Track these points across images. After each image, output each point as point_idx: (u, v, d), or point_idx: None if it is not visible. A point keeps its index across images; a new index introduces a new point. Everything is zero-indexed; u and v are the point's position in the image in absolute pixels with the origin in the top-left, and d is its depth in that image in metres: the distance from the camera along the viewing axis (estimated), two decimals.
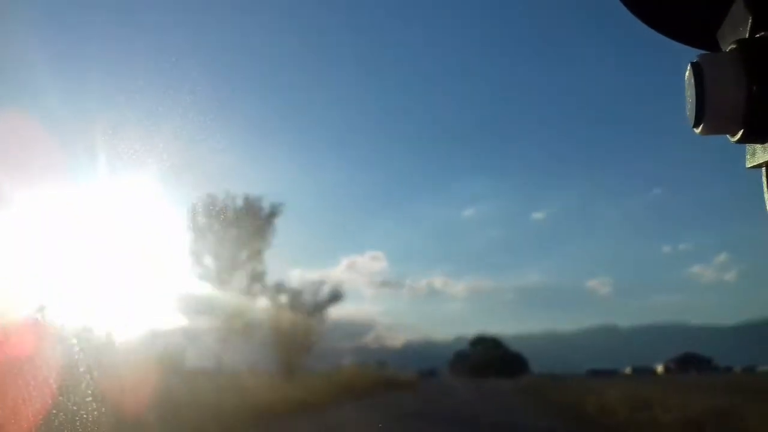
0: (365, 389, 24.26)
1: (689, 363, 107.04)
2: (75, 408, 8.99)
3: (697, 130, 0.73)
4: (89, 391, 9.73)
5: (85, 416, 8.73)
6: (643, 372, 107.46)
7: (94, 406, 9.32)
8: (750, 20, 0.73)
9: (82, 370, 9.83)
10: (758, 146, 0.73)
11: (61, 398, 8.64)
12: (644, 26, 0.87)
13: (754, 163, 0.74)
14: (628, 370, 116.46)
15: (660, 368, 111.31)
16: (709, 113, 0.70)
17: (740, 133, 0.71)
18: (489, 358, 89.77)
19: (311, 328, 30.30)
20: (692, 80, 0.71)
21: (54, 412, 8.06)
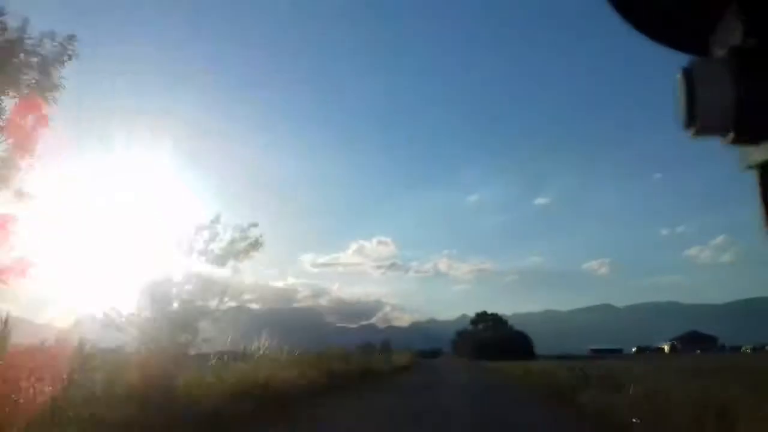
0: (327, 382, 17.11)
1: (694, 342, 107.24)
2: (88, 390, 8.13)
3: (689, 133, 0.74)
4: (101, 371, 8.86)
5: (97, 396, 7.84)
6: (649, 351, 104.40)
7: (107, 386, 8.42)
8: (741, 28, 0.74)
9: (93, 351, 9.03)
10: (750, 148, 0.74)
11: (74, 379, 7.88)
12: (638, 34, 0.88)
13: (747, 165, 0.75)
14: (633, 349, 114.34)
15: (666, 347, 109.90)
16: (700, 116, 0.72)
17: (731, 135, 0.73)
18: (493, 338, 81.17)
19: None
20: (683, 85, 0.73)
21: (67, 392, 7.30)
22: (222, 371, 12.08)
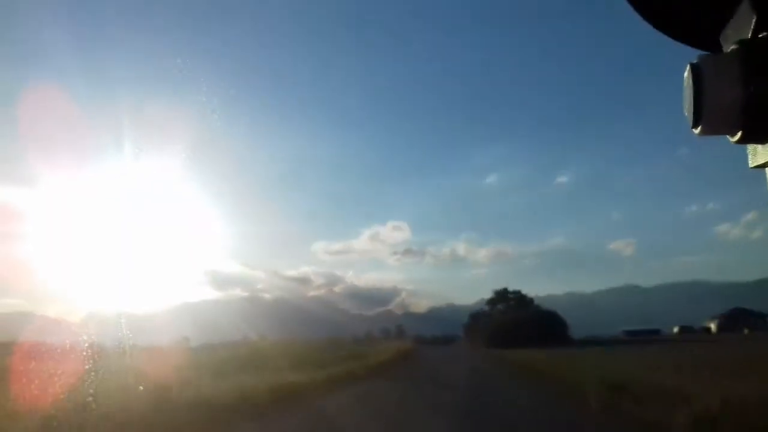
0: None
1: (740, 319, 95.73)
2: (110, 383, 8.45)
3: (696, 131, 0.73)
4: (124, 366, 9.18)
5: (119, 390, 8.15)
6: (693, 332, 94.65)
7: (129, 381, 8.75)
8: (754, 21, 0.72)
9: (117, 345, 9.36)
10: (759, 146, 0.73)
11: (96, 372, 8.18)
12: (650, 27, 0.85)
13: (756, 164, 0.73)
14: (675, 329, 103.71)
15: (713, 326, 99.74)
16: (707, 114, 0.71)
17: (739, 134, 0.71)
18: (515, 320, 63.80)
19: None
20: (691, 81, 0.72)
21: (90, 385, 7.60)
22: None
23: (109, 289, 11.02)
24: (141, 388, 8.75)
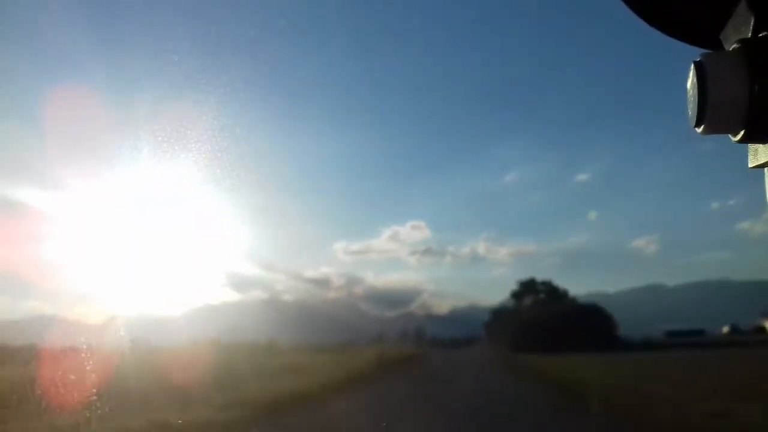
0: None
1: None
2: (132, 384, 8.43)
3: (699, 130, 0.73)
4: (144, 366, 9.16)
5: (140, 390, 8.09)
6: (743, 333, 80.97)
7: (149, 382, 8.70)
8: (753, 20, 0.73)
9: (137, 346, 9.36)
10: (760, 146, 0.73)
11: (119, 374, 8.19)
12: (649, 27, 0.86)
13: (757, 163, 0.74)
14: (725, 329, 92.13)
15: None
16: (710, 113, 0.71)
17: (741, 133, 0.71)
18: (546, 317, 49.36)
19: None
20: (695, 79, 0.72)
21: (112, 387, 7.59)
22: None
23: (131, 292, 10.99)
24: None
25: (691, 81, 0.73)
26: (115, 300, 11.24)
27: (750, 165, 0.75)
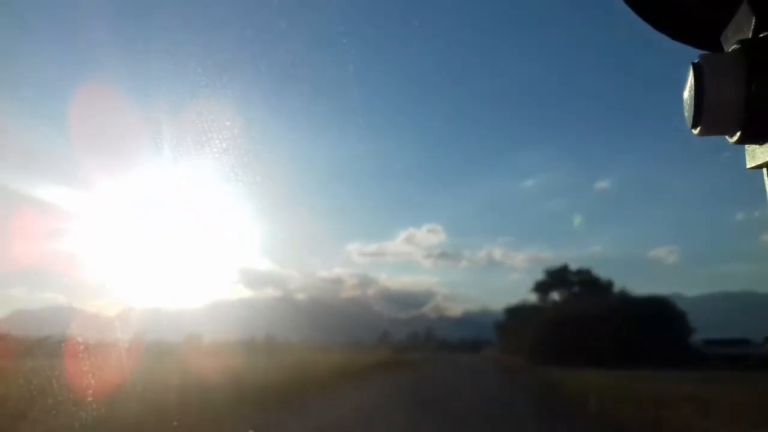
0: None
1: None
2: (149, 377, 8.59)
3: (695, 131, 0.72)
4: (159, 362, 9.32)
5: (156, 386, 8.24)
6: None
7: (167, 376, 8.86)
8: (753, 21, 0.73)
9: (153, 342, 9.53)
10: (758, 147, 0.72)
11: (136, 368, 8.35)
12: (649, 28, 0.85)
13: (754, 164, 0.73)
14: None
15: None
16: (706, 114, 0.70)
17: (738, 134, 0.71)
18: (587, 315, 31.18)
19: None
20: (692, 80, 0.72)
21: (129, 382, 7.75)
22: None
23: (146, 286, 11.20)
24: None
25: (688, 82, 0.73)
26: (131, 294, 11.43)
27: (748, 166, 0.75)
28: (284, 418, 9.30)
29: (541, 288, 44.36)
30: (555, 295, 44.40)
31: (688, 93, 0.73)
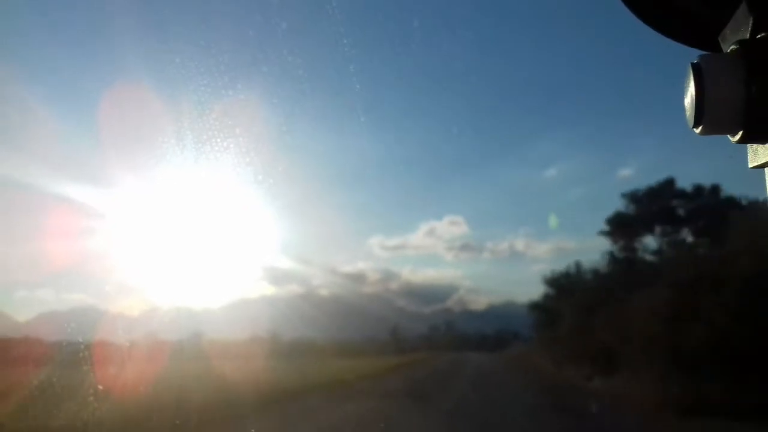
0: None
1: None
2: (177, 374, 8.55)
3: (697, 131, 0.73)
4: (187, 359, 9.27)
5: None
6: None
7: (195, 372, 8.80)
8: (751, 22, 0.73)
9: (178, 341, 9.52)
10: (760, 146, 0.73)
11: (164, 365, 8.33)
12: (648, 28, 0.87)
13: (757, 164, 0.74)
14: None
15: None
16: (708, 113, 0.71)
17: (740, 133, 0.71)
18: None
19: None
20: (692, 81, 0.72)
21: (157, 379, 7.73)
22: None
23: (170, 285, 11.17)
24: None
25: (688, 82, 0.73)
26: (156, 293, 11.41)
27: (750, 165, 0.74)
28: None
29: (615, 231, 21.54)
30: (664, 241, 21.54)
31: (688, 93, 0.73)
